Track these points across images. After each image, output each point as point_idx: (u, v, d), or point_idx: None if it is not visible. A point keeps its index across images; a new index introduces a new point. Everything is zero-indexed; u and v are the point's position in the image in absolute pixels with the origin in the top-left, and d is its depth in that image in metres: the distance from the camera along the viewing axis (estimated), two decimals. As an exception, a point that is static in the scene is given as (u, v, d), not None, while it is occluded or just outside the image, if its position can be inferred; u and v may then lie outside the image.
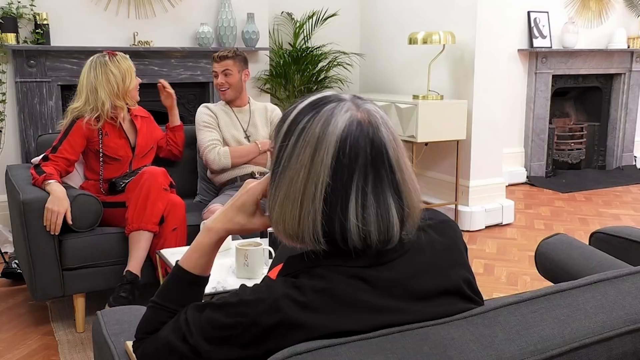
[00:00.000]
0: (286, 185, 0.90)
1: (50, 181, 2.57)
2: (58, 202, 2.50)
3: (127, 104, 2.84)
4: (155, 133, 3.08)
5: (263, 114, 3.21)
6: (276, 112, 3.25)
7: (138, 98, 2.92)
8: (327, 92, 0.95)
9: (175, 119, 3.18)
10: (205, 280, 1.07)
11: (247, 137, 3.13)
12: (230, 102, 3.15)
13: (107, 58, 2.78)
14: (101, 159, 2.82)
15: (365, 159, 0.88)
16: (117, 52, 2.84)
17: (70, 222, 2.54)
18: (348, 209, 0.87)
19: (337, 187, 0.87)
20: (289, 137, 0.91)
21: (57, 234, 2.52)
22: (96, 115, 2.76)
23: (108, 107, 2.76)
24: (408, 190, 0.92)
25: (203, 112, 3.12)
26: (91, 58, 2.81)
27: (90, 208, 2.63)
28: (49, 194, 2.53)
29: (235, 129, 3.12)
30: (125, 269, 2.61)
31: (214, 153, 3.01)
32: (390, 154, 0.90)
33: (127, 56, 2.85)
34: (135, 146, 2.91)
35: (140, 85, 3.03)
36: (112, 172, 2.85)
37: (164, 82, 3.11)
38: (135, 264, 2.61)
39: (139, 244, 2.61)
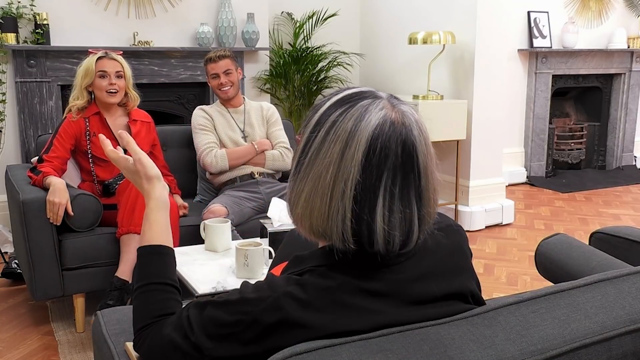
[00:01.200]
0: (313, 179, 0.88)
1: (49, 176, 2.58)
2: (59, 194, 2.51)
3: (77, 98, 2.81)
4: (150, 138, 3.00)
5: (259, 113, 3.21)
6: (272, 110, 3.25)
7: (109, 101, 2.81)
8: (363, 88, 0.93)
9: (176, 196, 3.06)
10: (169, 249, 1.11)
11: (245, 137, 3.13)
12: (227, 102, 3.15)
13: (85, 59, 2.84)
14: (90, 160, 2.82)
15: (396, 161, 0.86)
16: (95, 51, 2.84)
17: (71, 213, 2.54)
18: (376, 210, 0.85)
19: (366, 186, 0.85)
20: (318, 128, 0.89)
21: (58, 224, 2.52)
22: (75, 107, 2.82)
23: (73, 101, 2.83)
24: (428, 199, 0.90)
25: (198, 115, 3.12)
26: None
27: (90, 208, 2.63)
28: (49, 188, 2.54)
29: (232, 129, 3.12)
30: (114, 275, 2.59)
31: (211, 156, 3.01)
32: (420, 160, 0.88)
33: (99, 55, 2.80)
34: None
35: (140, 84, 3.02)
36: (104, 173, 2.84)
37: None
38: (124, 269, 2.59)
39: (129, 248, 2.59)
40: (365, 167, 0.85)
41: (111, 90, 2.80)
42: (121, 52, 2.91)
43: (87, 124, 2.81)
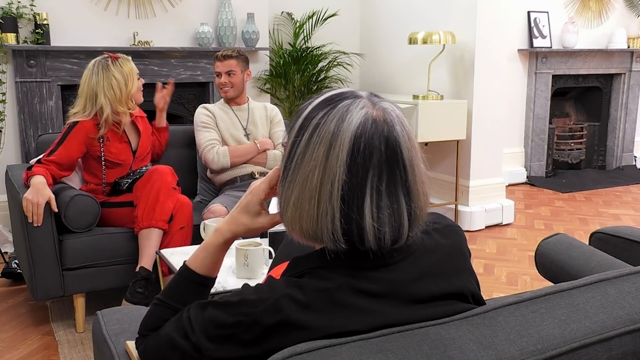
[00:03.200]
0: (301, 183, 0.88)
1: (33, 176, 2.54)
2: (37, 193, 2.45)
3: (129, 108, 2.78)
4: (149, 130, 3.05)
5: (263, 112, 3.22)
6: (275, 111, 3.26)
7: (142, 99, 2.90)
8: (343, 89, 0.94)
9: (163, 120, 3.17)
10: (211, 281, 1.08)
11: (247, 135, 3.14)
12: (230, 100, 3.16)
13: (109, 62, 2.73)
14: (103, 165, 2.80)
15: (380, 157, 0.86)
16: (119, 55, 2.79)
17: (55, 209, 2.49)
18: (364, 208, 0.86)
19: (353, 186, 0.86)
20: (302, 132, 0.89)
21: (39, 224, 2.46)
22: (94, 120, 2.72)
23: (109, 112, 2.70)
24: (417, 192, 0.91)
25: (201, 113, 3.13)
26: (93, 61, 2.76)
27: (88, 209, 2.63)
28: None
29: (235, 127, 3.13)
30: (138, 266, 2.61)
31: (213, 153, 3.02)
32: (405, 154, 0.88)
33: (129, 58, 2.82)
34: (137, 149, 2.89)
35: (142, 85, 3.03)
36: (114, 176, 2.84)
37: (168, 84, 3.13)
38: (147, 261, 2.61)
39: (149, 242, 2.61)
40: (350, 167, 0.85)
41: (141, 89, 2.89)
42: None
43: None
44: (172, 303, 1.04)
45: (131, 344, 1.20)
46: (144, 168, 2.88)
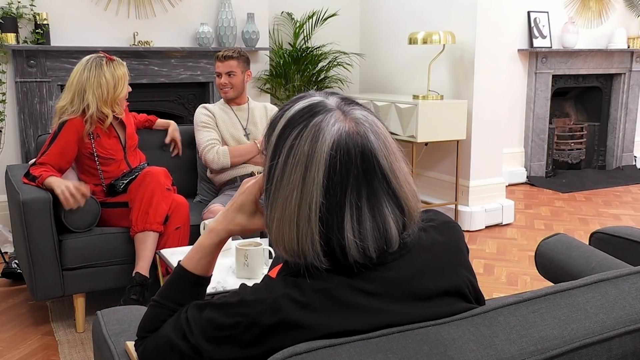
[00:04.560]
0: (280, 206, 0.89)
1: (47, 178, 2.56)
2: (62, 183, 2.52)
3: (114, 111, 2.77)
4: (131, 122, 3.06)
5: (262, 112, 3.23)
6: (276, 111, 3.26)
7: (124, 104, 2.88)
8: (313, 98, 0.93)
9: (160, 126, 3.31)
10: (206, 280, 1.08)
11: (247, 135, 3.14)
12: (230, 101, 3.16)
13: (104, 62, 2.73)
14: (97, 161, 2.81)
15: (357, 172, 0.86)
16: (114, 57, 2.79)
17: (88, 194, 2.56)
18: (344, 226, 0.86)
19: (331, 206, 0.86)
20: (278, 154, 0.90)
21: (82, 205, 2.55)
22: (83, 116, 2.72)
23: (94, 110, 2.69)
24: (405, 195, 0.90)
25: (201, 113, 3.13)
26: (88, 57, 2.75)
27: (88, 209, 2.63)
28: (52, 190, 2.53)
29: (235, 127, 3.13)
30: (134, 271, 2.61)
31: (213, 152, 3.02)
32: (382, 163, 0.88)
33: (124, 63, 2.81)
34: (126, 141, 2.89)
35: (140, 85, 3.02)
36: (111, 172, 2.84)
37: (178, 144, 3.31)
38: (143, 265, 2.60)
39: (145, 245, 2.61)
40: (327, 188, 0.85)
41: (127, 96, 2.88)
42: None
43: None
44: (168, 304, 1.04)
45: (131, 344, 1.20)
46: (139, 167, 2.87)
